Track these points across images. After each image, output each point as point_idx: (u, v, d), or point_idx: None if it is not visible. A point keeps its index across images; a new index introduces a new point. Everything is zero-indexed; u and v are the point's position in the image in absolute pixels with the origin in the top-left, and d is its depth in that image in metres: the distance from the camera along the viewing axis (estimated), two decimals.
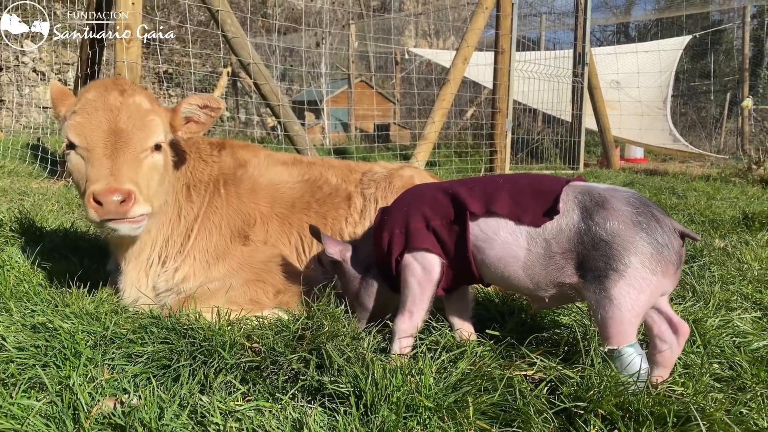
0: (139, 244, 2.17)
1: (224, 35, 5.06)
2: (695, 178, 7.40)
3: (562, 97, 8.85)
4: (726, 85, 15.78)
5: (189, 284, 2.17)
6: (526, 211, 1.59)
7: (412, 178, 2.48)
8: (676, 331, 1.55)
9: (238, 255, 2.24)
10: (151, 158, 2.01)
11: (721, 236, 3.68)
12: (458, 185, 1.78)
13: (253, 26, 13.65)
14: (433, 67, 13.43)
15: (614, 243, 1.47)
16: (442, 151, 8.52)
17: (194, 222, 2.26)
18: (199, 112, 2.15)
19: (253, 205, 2.35)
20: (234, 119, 15.11)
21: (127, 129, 1.95)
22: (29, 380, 1.52)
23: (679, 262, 1.50)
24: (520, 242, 1.60)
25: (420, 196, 1.84)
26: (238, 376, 1.60)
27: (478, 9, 6.71)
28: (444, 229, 1.71)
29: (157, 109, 2.09)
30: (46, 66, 12.90)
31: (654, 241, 1.46)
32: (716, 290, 2.37)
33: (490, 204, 1.64)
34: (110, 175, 1.85)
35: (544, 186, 1.63)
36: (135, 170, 1.92)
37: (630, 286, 1.46)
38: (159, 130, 2.03)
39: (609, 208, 1.51)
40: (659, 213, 1.50)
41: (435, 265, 1.73)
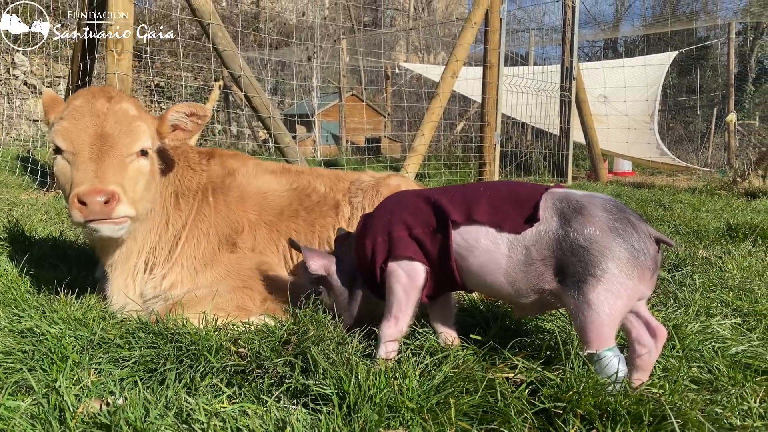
0: (125, 250, 2.19)
1: (215, 48, 5.10)
2: (681, 190, 7.49)
3: (551, 110, 8.96)
4: (713, 100, 16.01)
5: (176, 291, 2.19)
6: (506, 218, 1.62)
7: (399, 186, 2.51)
8: (654, 334, 1.58)
9: (225, 262, 2.26)
10: (137, 163, 2.03)
11: (705, 246, 3.74)
12: (439, 193, 1.81)
13: (245, 40, 13.73)
14: (423, 81, 13.56)
15: (592, 249, 1.50)
16: (432, 163, 8.59)
17: (182, 229, 2.28)
18: (185, 120, 2.19)
19: (242, 213, 2.38)
20: (225, 132, 15.15)
21: (113, 134, 1.97)
22: (15, 383, 1.53)
23: (655, 267, 1.53)
24: (501, 249, 1.62)
25: (402, 203, 1.86)
26: (224, 379, 1.61)
27: (466, 24, 6.81)
28: (427, 237, 1.74)
29: (144, 116, 2.12)
30: (37, 79, 12.89)
31: (630, 247, 1.50)
32: (697, 297, 2.41)
33: (471, 212, 1.67)
34: (95, 177, 1.88)
35: (523, 194, 1.66)
36: (120, 173, 1.94)
37: (607, 291, 1.49)
38: (145, 136, 2.05)
39: (586, 214, 1.54)
40: (635, 219, 1.54)
41: (419, 272, 1.75)
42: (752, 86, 16.37)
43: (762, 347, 1.90)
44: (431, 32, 19.41)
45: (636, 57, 12.94)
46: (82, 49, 5.74)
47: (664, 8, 20.51)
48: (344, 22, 20.32)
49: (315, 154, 12.53)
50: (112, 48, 4.44)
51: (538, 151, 10.16)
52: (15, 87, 12.53)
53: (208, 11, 4.95)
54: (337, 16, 22.46)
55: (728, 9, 19.09)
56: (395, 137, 14.27)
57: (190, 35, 14.54)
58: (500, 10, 6.96)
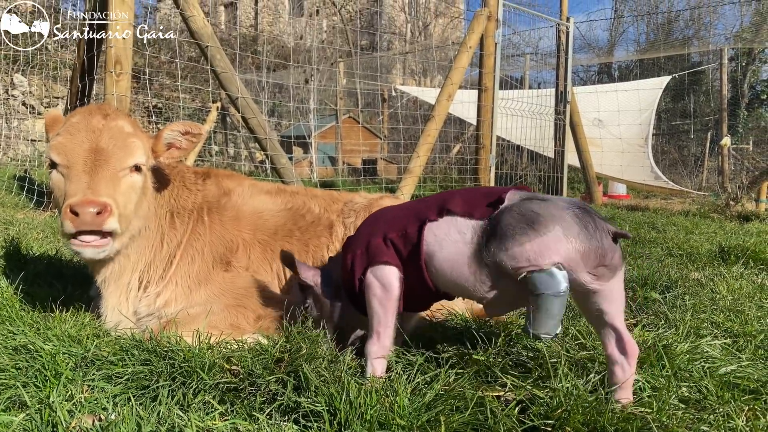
0: (118, 267, 2.20)
1: (213, 70, 5.17)
2: (675, 213, 7.54)
3: (546, 133, 9.04)
4: (706, 124, 16.18)
5: (170, 309, 2.20)
6: (476, 207, 1.67)
7: None
8: (625, 351, 1.59)
9: (219, 281, 2.27)
10: (130, 178, 2.05)
11: (698, 269, 3.77)
12: (417, 201, 1.89)
13: (243, 62, 13.87)
14: (419, 104, 13.68)
15: (542, 215, 1.52)
16: (428, 185, 8.64)
17: (177, 248, 2.30)
18: (180, 138, 2.22)
19: (236, 232, 2.40)
20: (223, 153, 15.21)
21: (108, 148, 2.00)
22: (9, 399, 1.54)
23: (603, 256, 1.51)
24: (466, 238, 1.65)
25: (381, 216, 1.93)
26: (217, 396, 1.62)
27: (462, 48, 6.91)
28: (400, 240, 1.77)
29: (139, 133, 2.15)
30: (35, 99, 12.97)
31: (583, 227, 1.50)
32: (688, 318, 2.43)
33: (445, 207, 1.73)
34: (88, 188, 1.90)
35: (493, 190, 1.73)
36: (113, 186, 1.96)
37: (543, 243, 1.49)
38: (139, 152, 2.08)
39: (545, 198, 1.60)
40: (597, 216, 1.56)
41: (393, 279, 1.76)
42: (745, 111, 16.56)
43: (751, 367, 1.92)
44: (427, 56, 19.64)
45: (630, 81, 13.10)
46: (81, 70, 5.80)
47: (658, 34, 20.81)
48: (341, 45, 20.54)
49: (311, 175, 12.59)
50: (111, 69, 4.50)
51: (533, 173, 10.24)
52: (13, 107, 12.60)
53: (206, 34, 5.02)
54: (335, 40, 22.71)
55: (720, 35, 19.39)
56: (391, 159, 14.36)
57: (188, 57, 14.68)
58: (495, 34, 7.07)
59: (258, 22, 31.39)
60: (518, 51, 16.79)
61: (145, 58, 9.86)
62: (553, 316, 1.48)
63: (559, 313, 1.49)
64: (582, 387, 1.56)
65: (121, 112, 2.23)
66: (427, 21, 29.89)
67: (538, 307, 1.49)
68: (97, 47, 5.39)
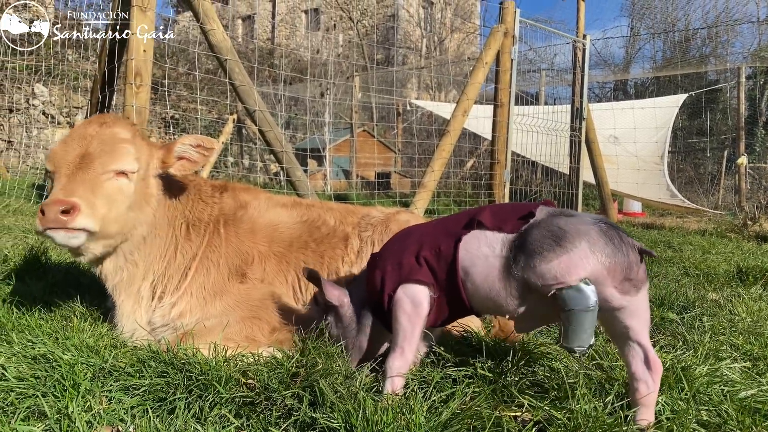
0: (127, 275, 2.23)
1: (232, 83, 5.22)
2: (691, 232, 7.47)
3: (561, 150, 9.01)
4: (723, 142, 16.07)
5: (185, 320, 2.21)
6: (506, 221, 1.69)
7: (408, 222, 2.55)
8: (651, 367, 1.58)
9: (235, 292, 2.28)
10: (115, 182, 2.06)
11: (715, 289, 3.73)
12: (443, 219, 1.90)
13: (260, 75, 13.99)
14: (434, 118, 13.73)
15: (568, 231, 1.54)
16: (442, 199, 8.64)
17: (192, 260, 2.32)
18: (192, 151, 2.24)
19: (252, 245, 2.42)
20: (238, 164, 15.31)
21: (94, 153, 2.04)
22: (28, 409, 1.55)
23: (629, 270, 1.52)
24: (496, 251, 1.67)
25: (410, 234, 1.93)
26: (233, 410, 1.63)
27: (478, 64, 6.93)
28: (434, 258, 1.78)
29: (138, 141, 2.18)
30: (55, 109, 13.17)
31: (609, 241, 1.52)
32: (706, 340, 2.40)
33: (475, 220, 1.74)
34: (61, 190, 1.94)
35: (523, 205, 1.75)
36: (89, 188, 1.98)
37: (570, 260, 1.50)
38: (127, 158, 2.09)
39: (572, 213, 1.62)
40: (623, 232, 1.57)
41: (424, 299, 1.77)
42: (763, 130, 16.42)
43: None
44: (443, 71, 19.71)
45: (646, 99, 13.06)
46: (102, 81, 5.89)
47: (675, 52, 20.76)
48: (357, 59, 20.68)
49: (325, 188, 12.63)
50: (131, 81, 4.56)
51: (548, 189, 10.21)
52: (33, 117, 12.79)
53: (225, 47, 5.08)
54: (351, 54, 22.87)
55: (738, 53, 19.31)
56: (405, 173, 14.38)
57: (206, 69, 14.84)
58: (511, 50, 7.09)
59: (275, 36, 31.70)
60: (534, 67, 16.82)
61: (163, 70, 9.98)
62: (585, 329, 1.50)
63: (590, 327, 1.51)
64: (600, 408, 1.54)
65: (124, 122, 2.26)
66: (442, 36, 30.05)
67: (569, 322, 1.51)
68: (118, 59, 5.47)
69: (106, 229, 2.02)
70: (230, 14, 31.96)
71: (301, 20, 31.59)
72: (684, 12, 19.65)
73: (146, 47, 4.58)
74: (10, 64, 10.71)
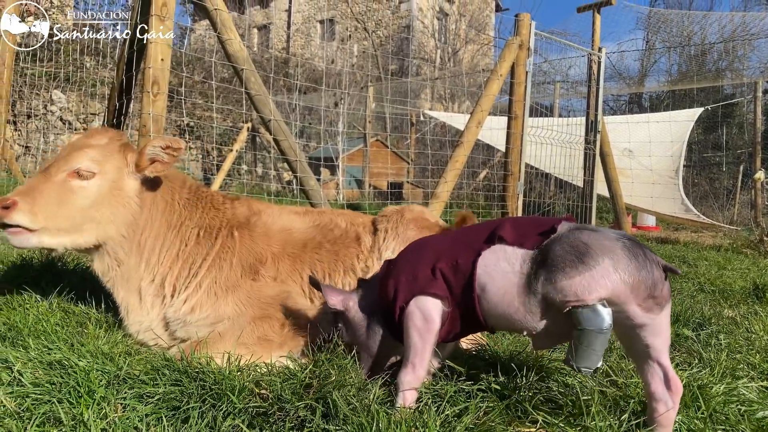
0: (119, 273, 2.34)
1: (247, 92, 5.25)
2: (706, 247, 7.40)
3: (575, 162, 8.97)
4: (739, 157, 15.92)
5: (197, 315, 2.25)
6: (527, 236, 1.67)
7: (422, 212, 2.61)
8: (671, 387, 1.56)
9: (247, 288, 2.32)
10: (69, 182, 2.19)
11: (731, 306, 3.68)
12: (463, 230, 1.87)
13: (275, 85, 14.09)
14: (447, 129, 13.73)
15: (591, 247, 1.52)
16: (454, 210, 8.62)
17: (204, 260, 2.36)
18: (162, 153, 2.30)
19: (266, 246, 2.45)
20: (251, 173, 15.40)
21: (58, 159, 2.23)
22: (44, 415, 1.56)
23: (653, 288, 1.50)
24: (516, 267, 1.65)
25: (426, 245, 1.90)
26: (246, 420, 1.63)
27: (492, 76, 6.93)
28: (450, 270, 1.75)
29: (112, 147, 2.30)
30: (72, 115, 13.32)
31: (633, 258, 1.50)
32: (723, 358, 2.37)
33: (496, 234, 1.71)
34: (15, 190, 2.14)
35: (544, 220, 1.73)
36: (36, 187, 2.15)
37: (592, 278, 1.49)
38: (80, 159, 2.21)
39: (595, 228, 1.61)
40: (646, 248, 1.56)
41: (436, 313, 1.75)
42: None
43: None
44: (456, 82, 19.74)
45: (661, 112, 12.98)
46: (120, 89, 5.94)
47: (690, 65, 20.65)
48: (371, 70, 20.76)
49: (338, 197, 12.66)
50: (148, 89, 4.60)
51: (561, 202, 10.16)
52: (51, 122, 12.94)
53: (242, 57, 5.12)
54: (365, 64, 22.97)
55: (755, 67, 19.15)
56: (417, 183, 14.38)
57: (221, 78, 14.97)
58: (526, 63, 7.08)
59: (290, 46, 31.93)
60: (548, 79, 16.79)
61: (180, 78, 10.08)
62: (595, 351, 1.48)
63: (601, 349, 1.49)
64: (616, 426, 1.53)
65: (106, 132, 2.39)
66: (456, 47, 30.12)
67: (580, 341, 1.50)
68: (135, 67, 5.52)
69: (52, 225, 2.15)
70: (246, 24, 32.26)
71: (317, 30, 31.80)
72: (700, 26, 19.55)
73: (164, 56, 4.63)
74: (29, 71, 10.87)
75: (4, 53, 7.47)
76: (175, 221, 2.40)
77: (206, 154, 15.27)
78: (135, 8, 5.23)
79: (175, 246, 2.37)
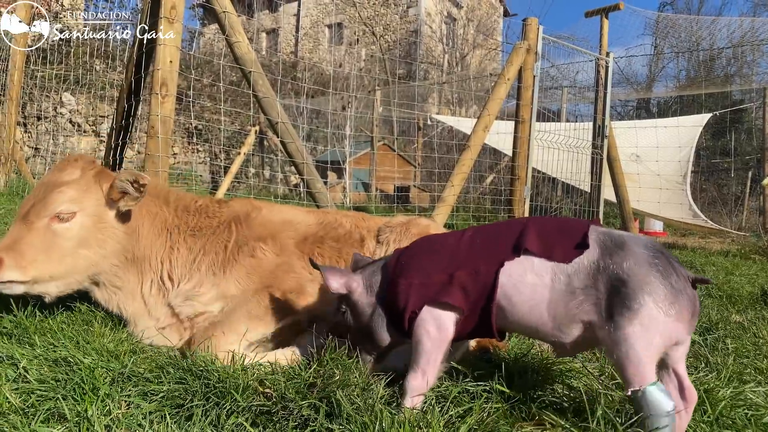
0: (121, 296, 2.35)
1: (255, 95, 5.27)
2: (714, 253, 7.36)
3: (582, 167, 8.95)
4: (747, 163, 15.84)
5: (200, 290, 2.29)
6: (555, 247, 1.61)
7: (428, 227, 2.57)
8: (686, 397, 1.56)
9: (246, 264, 2.33)
10: (52, 227, 2.14)
11: (739, 311, 3.66)
12: (479, 233, 1.78)
13: (283, 88, 14.14)
14: (454, 133, 13.72)
15: (630, 282, 1.49)
16: (461, 214, 8.61)
17: (200, 250, 2.38)
18: (129, 187, 2.25)
19: (265, 231, 2.46)
20: (259, 176, 15.44)
21: (36, 202, 2.15)
22: (48, 411, 1.57)
23: (693, 308, 1.51)
24: (545, 280, 1.60)
25: (441, 246, 1.81)
26: (249, 419, 1.63)
27: (499, 80, 6.93)
28: (470, 280, 1.68)
29: (86, 181, 2.24)
30: (82, 118, 13.39)
31: (669, 284, 1.49)
32: (730, 362, 2.36)
33: (521, 244, 1.65)
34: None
35: (569, 225, 1.68)
36: (21, 239, 2.09)
37: (644, 326, 1.47)
38: (57, 201, 2.16)
39: (627, 249, 1.55)
40: (674, 261, 1.54)
41: (450, 323, 1.71)
42: None
43: None
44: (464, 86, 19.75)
45: (669, 118, 12.94)
46: (128, 91, 5.97)
47: (699, 71, 20.58)
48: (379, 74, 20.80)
49: (344, 200, 12.67)
50: (156, 91, 4.62)
51: (568, 206, 10.13)
52: (60, 125, 13.02)
53: (250, 60, 5.14)
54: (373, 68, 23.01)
55: (764, 73, 19.07)
56: (424, 187, 14.37)
57: (230, 81, 15.02)
58: (534, 67, 7.08)
59: (298, 49, 32.03)
60: (555, 83, 16.78)
61: (188, 81, 10.12)
62: None
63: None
64: (621, 429, 1.52)
65: (79, 163, 2.32)
66: (464, 52, 30.13)
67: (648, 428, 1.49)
68: (144, 69, 5.55)
69: (44, 275, 2.10)
70: (255, 27, 32.40)
71: (325, 34, 31.89)
72: (709, 31, 19.47)
73: (172, 58, 4.65)
74: (40, 73, 10.95)
75: (14, 55, 7.54)
76: (166, 227, 2.41)
77: (214, 156, 15.33)
78: (144, 11, 5.26)
79: (167, 246, 2.39)
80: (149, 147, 4.50)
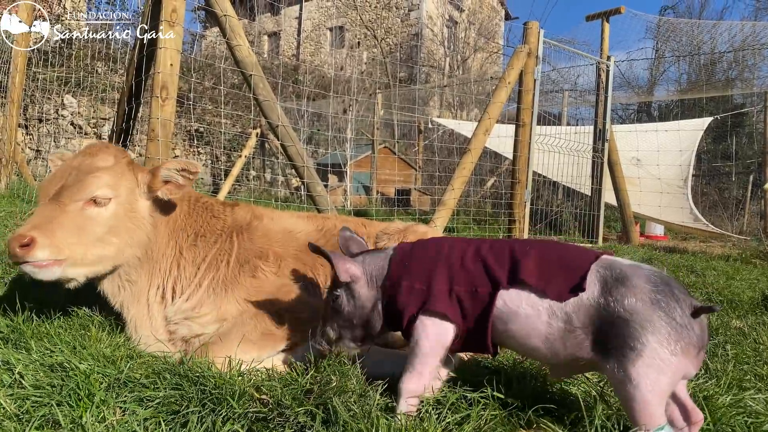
0: (129, 293, 2.31)
1: (256, 98, 5.27)
2: (715, 257, 7.34)
3: (583, 171, 8.95)
4: (748, 167, 15.83)
5: (199, 311, 2.26)
6: (550, 283, 1.59)
7: (425, 234, 2.56)
8: (689, 419, 1.54)
9: (247, 285, 2.32)
10: (86, 210, 2.10)
11: (739, 316, 3.64)
12: (486, 249, 1.77)
13: (284, 91, 14.15)
14: (455, 136, 13.73)
15: (632, 321, 1.46)
16: (461, 217, 8.61)
17: (202, 262, 2.37)
18: (177, 175, 2.26)
19: (267, 246, 2.45)
20: (260, 178, 15.44)
21: (68, 184, 2.10)
22: (42, 417, 1.56)
23: (700, 343, 1.47)
24: (541, 317, 1.59)
25: (448, 256, 1.80)
26: (245, 426, 1.62)
27: (500, 84, 6.93)
28: (467, 296, 1.69)
29: (121, 168, 2.22)
30: (83, 120, 13.40)
31: (672, 321, 1.44)
32: (729, 369, 2.35)
33: (517, 273, 1.63)
34: (26, 224, 1.99)
35: (572, 260, 1.64)
36: (53, 219, 2.03)
37: (649, 367, 1.43)
38: (96, 186, 2.13)
39: (628, 284, 1.51)
40: (680, 293, 1.50)
41: (450, 332, 1.72)
42: None
43: None
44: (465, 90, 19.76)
45: (670, 121, 12.93)
46: (129, 94, 5.98)
47: (700, 75, 20.56)
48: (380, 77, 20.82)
49: (345, 203, 12.67)
50: (157, 94, 4.62)
51: (569, 210, 10.12)
52: (62, 127, 13.03)
53: (251, 63, 5.14)
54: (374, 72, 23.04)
55: (765, 77, 19.02)
56: (425, 190, 14.37)
57: (231, 84, 15.04)
58: (534, 71, 7.08)
59: (300, 52, 32.08)
60: (556, 87, 16.76)
61: (189, 84, 10.14)
62: None
63: None
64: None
65: (109, 150, 2.29)
66: (465, 55, 30.15)
67: None
68: (145, 72, 5.56)
69: (77, 257, 2.06)
70: (256, 30, 32.45)
71: (326, 37, 31.94)
72: (710, 35, 19.45)
73: (173, 61, 4.66)
74: (41, 75, 10.96)
75: (16, 57, 7.56)
76: (175, 229, 2.41)
77: (215, 159, 15.33)
78: (145, 14, 5.27)
79: (174, 252, 2.39)
80: (149, 150, 4.50)
